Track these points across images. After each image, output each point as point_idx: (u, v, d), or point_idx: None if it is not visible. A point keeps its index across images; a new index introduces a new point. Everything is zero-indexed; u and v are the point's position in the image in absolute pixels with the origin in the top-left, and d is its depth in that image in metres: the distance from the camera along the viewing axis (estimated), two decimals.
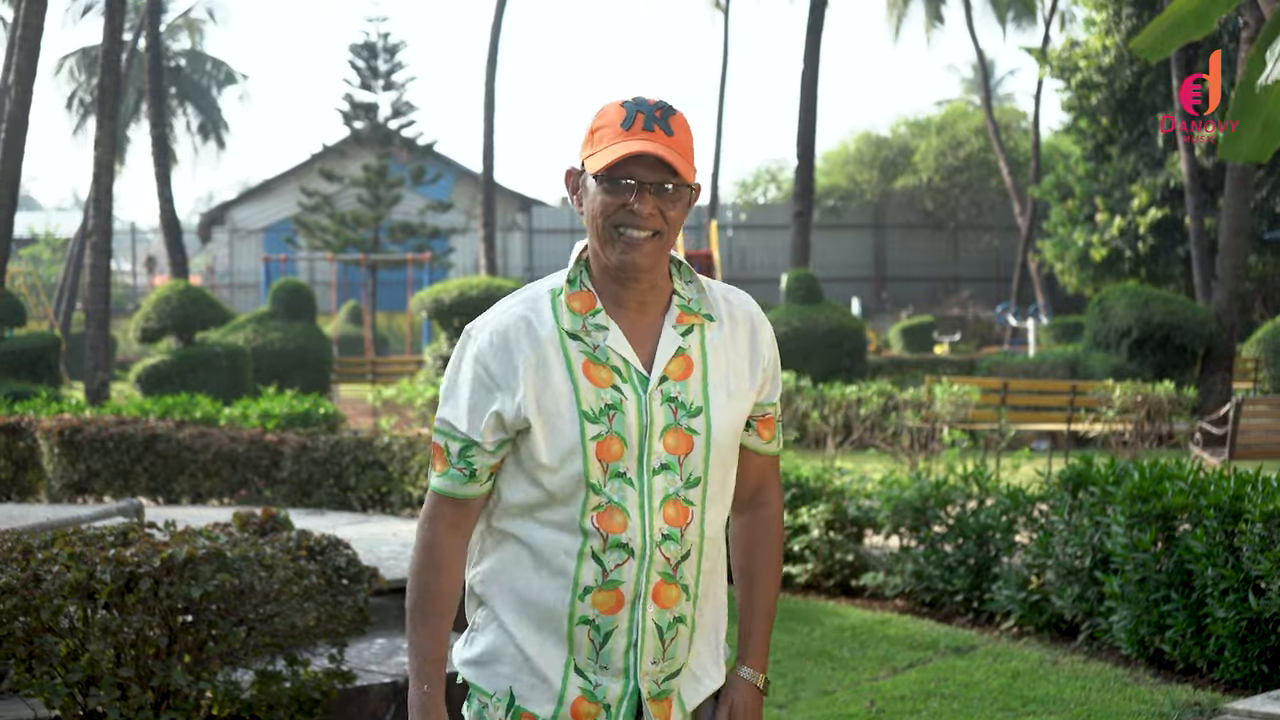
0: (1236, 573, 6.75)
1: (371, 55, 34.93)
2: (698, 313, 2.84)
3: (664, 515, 2.75)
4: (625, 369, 2.75)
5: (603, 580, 2.73)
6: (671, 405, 2.76)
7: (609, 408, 2.73)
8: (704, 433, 2.78)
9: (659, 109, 2.75)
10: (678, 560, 2.76)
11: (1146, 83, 31.70)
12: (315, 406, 13.79)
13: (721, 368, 2.83)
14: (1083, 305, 39.33)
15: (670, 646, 2.78)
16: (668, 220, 2.74)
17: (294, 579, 5.46)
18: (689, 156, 2.77)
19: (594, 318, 2.77)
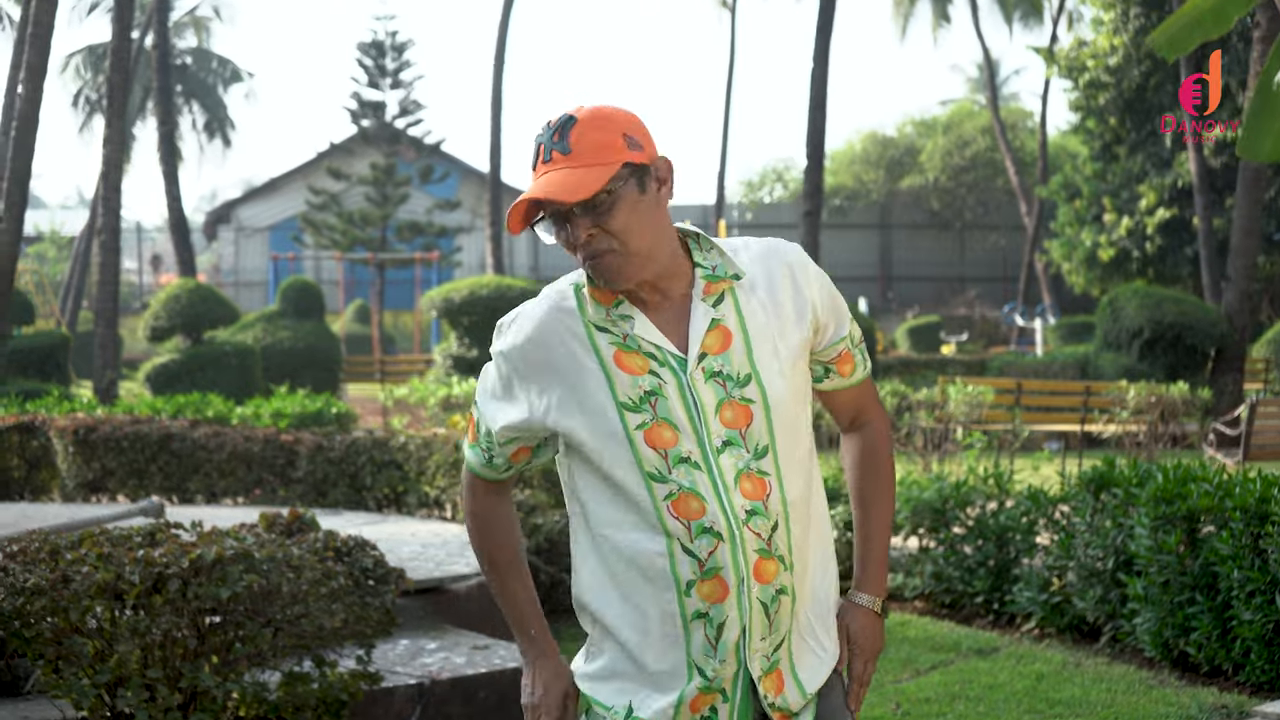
0: (1263, 575, 6.72)
1: (379, 53, 34.91)
2: (724, 276, 2.74)
3: (742, 491, 2.66)
4: (660, 353, 2.69)
5: (700, 571, 2.66)
6: (719, 380, 2.68)
7: (649, 394, 2.66)
8: (760, 399, 2.69)
9: (556, 130, 2.67)
10: (769, 533, 2.68)
11: (1154, 82, 31.66)
12: (328, 406, 13.78)
13: (764, 329, 2.74)
14: (1089, 305, 39.31)
15: (775, 620, 2.70)
16: (612, 232, 2.64)
17: (321, 580, 5.44)
18: (594, 158, 2.64)
19: (618, 309, 2.71)
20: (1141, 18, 31.37)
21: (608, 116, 2.69)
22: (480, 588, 7.54)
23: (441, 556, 8.02)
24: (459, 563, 7.83)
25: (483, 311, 24.03)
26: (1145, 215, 31.05)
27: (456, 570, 7.60)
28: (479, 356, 23.80)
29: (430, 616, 7.09)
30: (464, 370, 22.79)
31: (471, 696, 6.17)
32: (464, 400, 15.40)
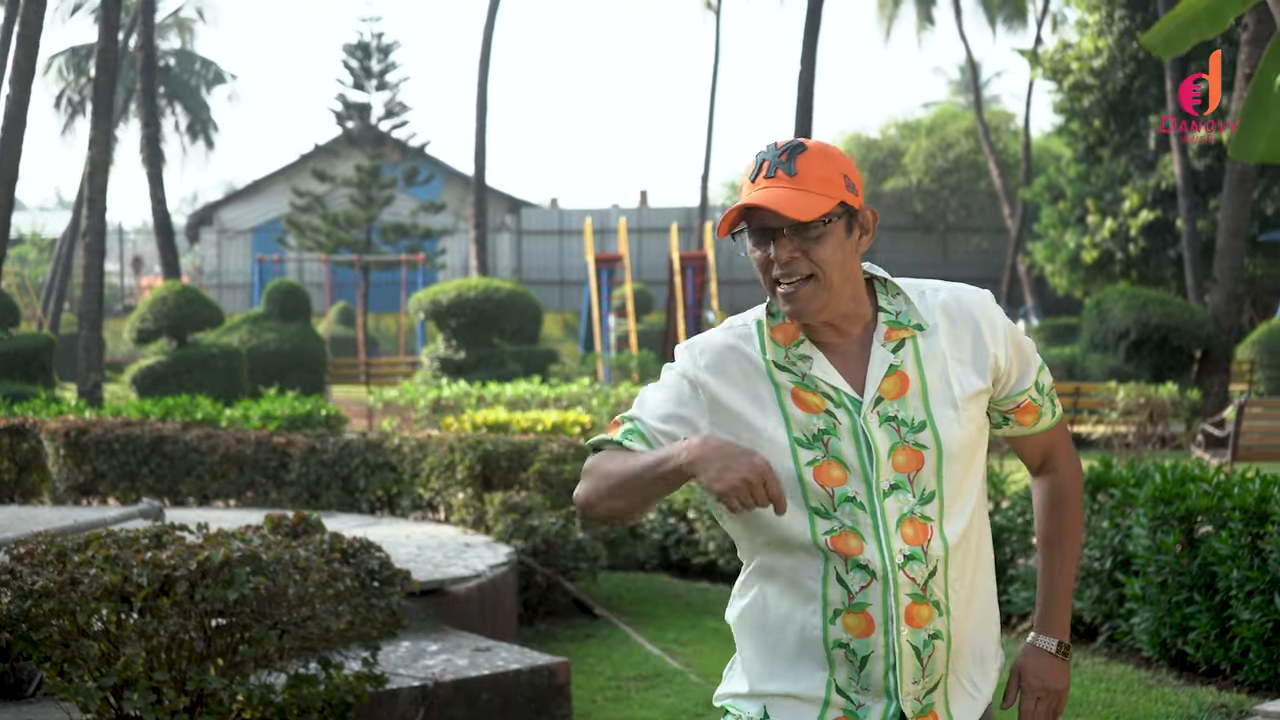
0: (1262, 575, 6.75)
1: (365, 55, 34.85)
2: (907, 325, 2.76)
3: (902, 535, 2.68)
4: (837, 394, 2.71)
5: (849, 603, 2.68)
6: (893, 424, 2.70)
7: (822, 433, 2.68)
8: (933, 446, 2.71)
9: (785, 151, 2.69)
10: (925, 579, 2.69)
11: (1139, 85, 31.77)
12: (317, 408, 13.76)
13: (942, 377, 2.76)
14: (1072, 307, 39.42)
15: (929, 664, 2.71)
16: (817, 261, 2.67)
17: (328, 582, 5.43)
18: (820, 190, 2.67)
19: (798, 348, 2.74)
20: (1126, 20, 31.47)
21: (834, 155, 2.73)
22: (480, 590, 7.55)
23: (439, 559, 8.02)
24: (457, 565, 7.83)
25: (470, 313, 24.03)
26: (1129, 217, 31.14)
27: (455, 572, 7.60)
28: (466, 358, 23.78)
29: (431, 619, 7.08)
30: (451, 372, 22.79)
31: (475, 698, 6.17)
32: (454, 402, 15.40)
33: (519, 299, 24.61)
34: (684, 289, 26.67)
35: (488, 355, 23.71)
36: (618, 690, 7.18)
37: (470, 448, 9.52)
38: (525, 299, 25.05)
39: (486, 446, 9.52)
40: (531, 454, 9.56)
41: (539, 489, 9.28)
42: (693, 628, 8.68)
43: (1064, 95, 32.94)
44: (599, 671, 7.52)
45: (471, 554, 8.21)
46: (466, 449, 9.53)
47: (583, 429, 11.04)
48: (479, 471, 9.45)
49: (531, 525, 8.72)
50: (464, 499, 9.38)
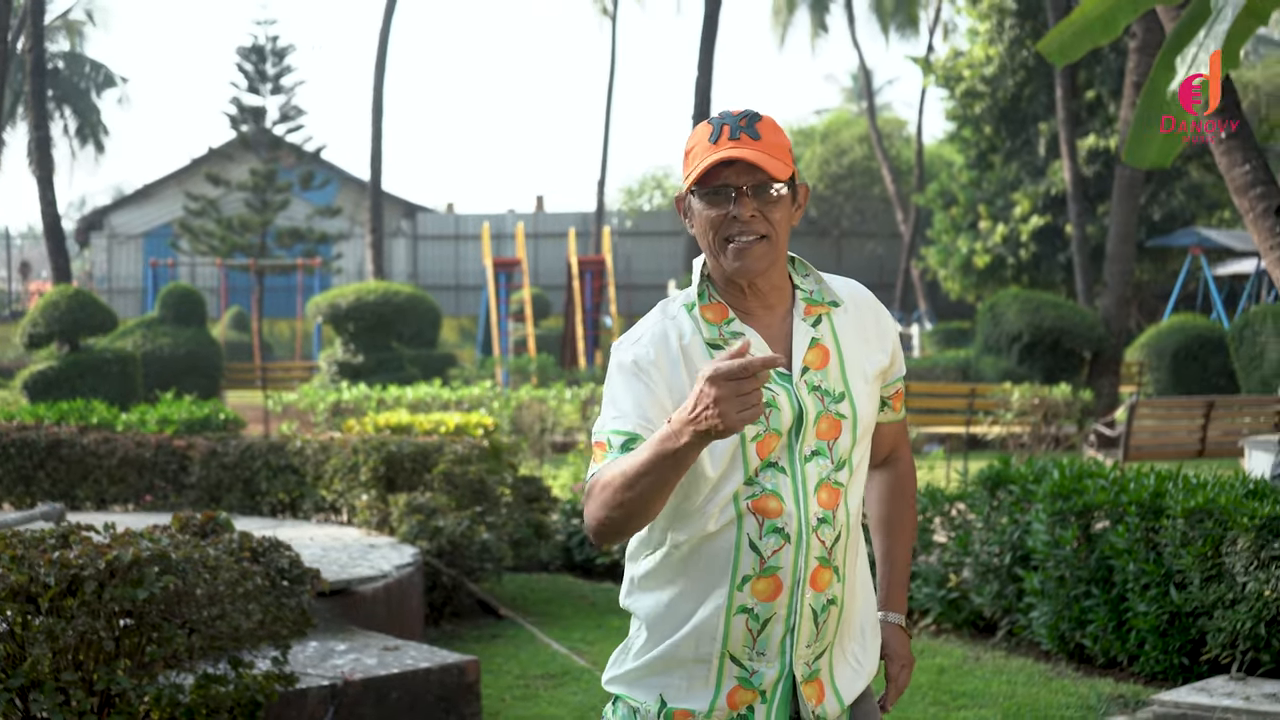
0: (1158, 568, 6.91)
1: (260, 59, 34.58)
2: (822, 301, 2.93)
3: (818, 500, 2.81)
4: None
5: (760, 568, 2.77)
6: (817, 394, 2.84)
7: (766, 405, 2.78)
8: (851, 416, 2.86)
9: (743, 117, 2.83)
10: (832, 543, 2.82)
11: (1029, 93, 32.25)
12: (215, 412, 13.63)
13: (856, 352, 2.92)
14: (964, 311, 39.90)
15: (823, 629, 2.83)
16: (771, 222, 2.81)
17: (238, 581, 5.41)
18: (780, 156, 2.82)
19: (729, 326, 2.86)
20: (1016, 29, 31.93)
21: (781, 128, 2.88)
22: (386, 590, 7.54)
23: (345, 560, 7.99)
24: (362, 565, 7.81)
25: (369, 317, 23.92)
26: (1020, 222, 31.59)
27: (361, 573, 7.58)
28: (365, 362, 23.66)
29: (338, 619, 7.07)
30: (350, 376, 22.68)
31: (384, 697, 6.17)
32: (354, 405, 15.33)
33: (418, 303, 24.53)
34: (582, 293, 26.71)
35: (386, 359, 23.61)
36: (526, 689, 7.20)
37: (374, 449, 9.50)
38: (424, 303, 24.96)
39: (390, 448, 9.50)
40: (436, 455, 9.55)
41: (444, 490, 9.27)
42: (598, 627, 8.72)
43: (956, 102, 33.36)
44: (506, 671, 7.53)
45: (377, 555, 8.19)
46: (370, 450, 9.50)
47: (486, 431, 11.03)
48: (383, 473, 9.42)
49: (436, 526, 8.71)
50: (368, 500, 9.35)
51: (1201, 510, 6.79)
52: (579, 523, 10.70)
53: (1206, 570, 6.74)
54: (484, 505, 9.37)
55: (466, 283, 45.10)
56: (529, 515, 9.83)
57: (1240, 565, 6.64)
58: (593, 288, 27.20)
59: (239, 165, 35.56)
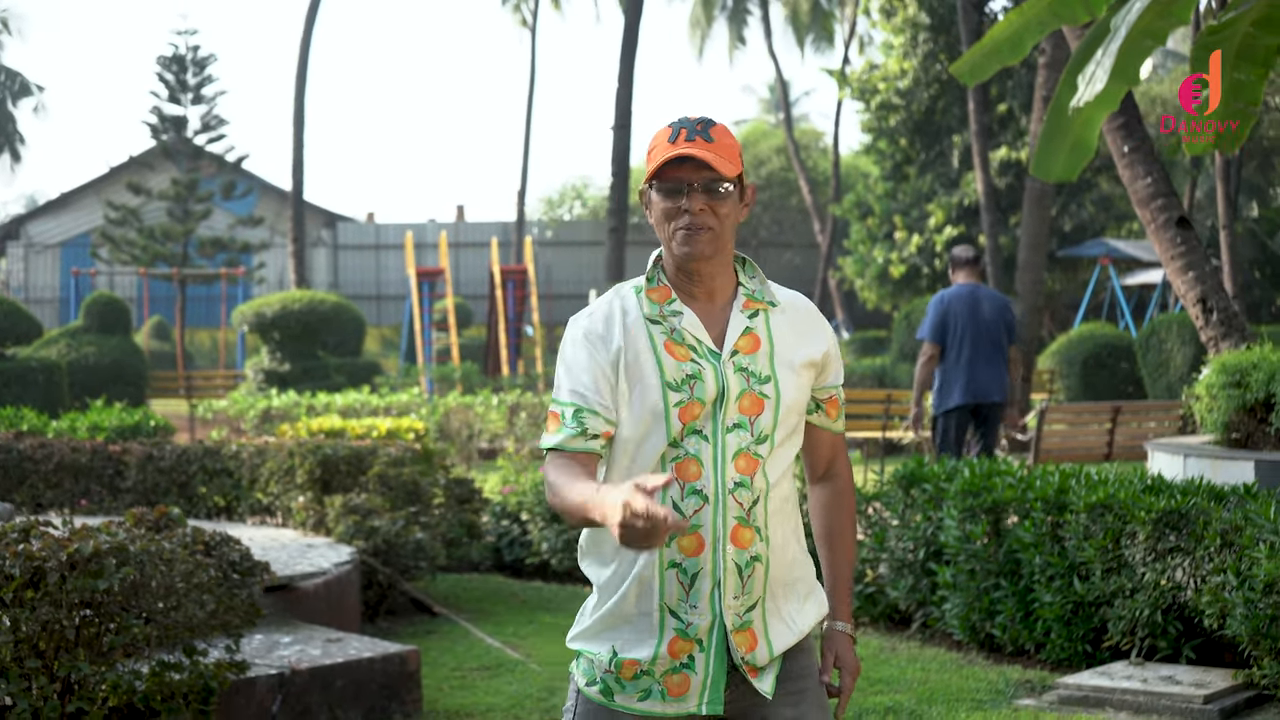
0: (1062, 560, 7.31)
1: (181, 68, 34.57)
2: (762, 300, 3.28)
3: (735, 466, 3.15)
4: (699, 346, 3.19)
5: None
6: (744, 374, 3.19)
7: (689, 378, 3.16)
8: (774, 398, 3.21)
9: (700, 123, 3.22)
10: (750, 505, 3.15)
11: (942, 106, 32.83)
12: (145, 419, 13.80)
13: (786, 346, 3.25)
14: (881, 320, 40.43)
15: (749, 583, 3.15)
16: (718, 215, 3.19)
17: (193, 572, 5.68)
18: (729, 157, 3.19)
19: (670, 305, 3.23)
20: (930, 43, 32.50)
21: (732, 135, 3.27)
22: (326, 586, 7.81)
23: (284, 558, 8.24)
24: (302, 563, 8.07)
25: (295, 326, 24.07)
26: (934, 233, 32.13)
27: (301, 570, 7.84)
28: (291, 370, 23.81)
29: (281, 613, 7.33)
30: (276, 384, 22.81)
31: (329, 685, 6.44)
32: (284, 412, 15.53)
33: (343, 312, 24.71)
34: (505, 303, 26.97)
35: (312, 367, 23.78)
36: (462, 680, 7.49)
37: (310, 452, 9.75)
38: (349, 312, 25.14)
39: (326, 451, 9.76)
40: (370, 458, 9.82)
41: (379, 491, 9.54)
42: (529, 623, 9.02)
43: (871, 115, 33.88)
44: (443, 663, 7.82)
45: (315, 554, 8.45)
46: (306, 454, 9.76)
47: (417, 435, 11.31)
48: (318, 475, 9.68)
49: (372, 526, 8.98)
50: (304, 503, 9.60)
51: (1102, 505, 7.19)
52: (509, 524, 11.00)
53: (1107, 562, 7.14)
54: (418, 506, 9.65)
55: (388, 292, 45.18)
56: (461, 516, 10.12)
57: (1139, 557, 7.04)
58: (515, 297, 27.47)
59: (160, 174, 35.54)
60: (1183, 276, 12.69)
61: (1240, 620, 6.41)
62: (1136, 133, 13.37)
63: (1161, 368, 21.11)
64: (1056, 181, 11.10)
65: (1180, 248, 12.71)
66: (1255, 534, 6.52)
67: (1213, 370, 10.82)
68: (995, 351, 11.31)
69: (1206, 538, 6.76)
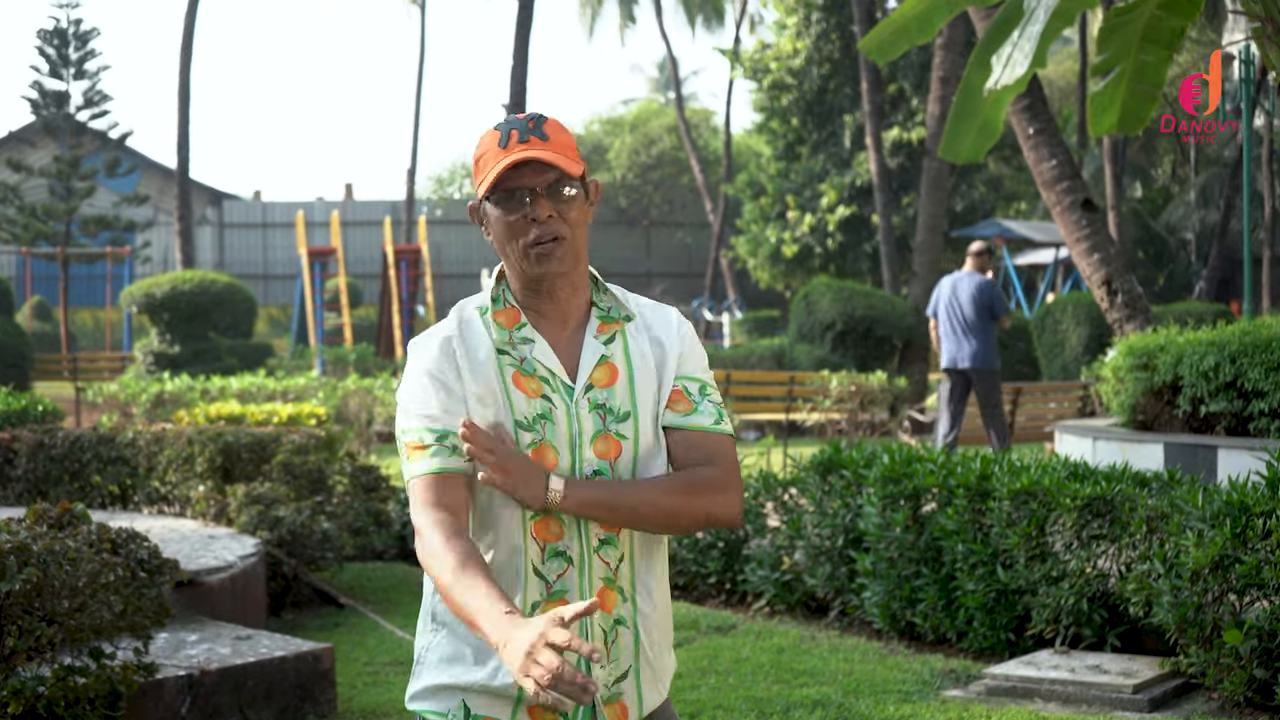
0: (985, 548, 7.23)
1: (62, 42, 33.77)
2: (617, 318, 2.90)
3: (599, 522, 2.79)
4: (552, 379, 2.81)
5: (547, 593, 2.76)
6: (600, 412, 2.81)
7: (540, 416, 2.78)
8: (633, 437, 2.83)
9: (530, 120, 2.84)
10: (616, 564, 2.81)
11: (834, 86, 32.91)
12: (33, 403, 13.41)
13: (647, 372, 2.87)
14: (773, 299, 40.56)
15: (613, 649, 2.81)
16: (568, 221, 2.81)
17: (99, 572, 5.43)
18: (570, 155, 2.83)
19: (520, 331, 2.84)
20: (823, 22, 32.55)
21: (567, 128, 2.89)
22: (232, 580, 7.56)
23: (186, 551, 7.97)
24: (206, 556, 7.81)
25: (185, 307, 23.61)
26: (827, 212, 32.23)
27: (206, 564, 7.59)
28: (182, 353, 23.35)
29: (186, 610, 7.07)
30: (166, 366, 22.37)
31: (240, 686, 6.21)
32: (176, 397, 15.17)
33: (234, 293, 24.29)
34: (398, 282, 26.66)
35: (203, 349, 23.36)
36: (375, 676, 7.28)
37: (211, 440, 9.47)
38: (240, 293, 24.72)
39: (227, 439, 9.48)
40: (273, 445, 9.55)
41: (282, 480, 9.28)
42: None
43: (763, 94, 33.90)
44: (354, 659, 7.60)
45: (219, 545, 8.19)
46: (207, 441, 9.47)
47: (319, 420, 11.04)
48: (219, 464, 9.40)
49: (277, 516, 8.73)
50: (204, 492, 9.32)
51: (1026, 492, 7.12)
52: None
53: (1031, 549, 7.07)
54: (322, 495, 9.40)
55: (275, 271, 44.59)
56: (368, 504, 9.88)
57: (1063, 544, 6.99)
58: (408, 277, 27.16)
59: (41, 151, 34.77)
60: (1088, 259, 12.72)
61: (1167, 608, 6.36)
62: (1042, 115, 13.40)
63: (1057, 348, 21.27)
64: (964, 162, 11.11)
65: (1085, 230, 12.75)
66: (1182, 521, 6.47)
67: (1119, 353, 10.84)
68: (969, 327, 13.18)
69: (1132, 525, 6.71)
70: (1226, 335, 9.60)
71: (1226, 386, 9.41)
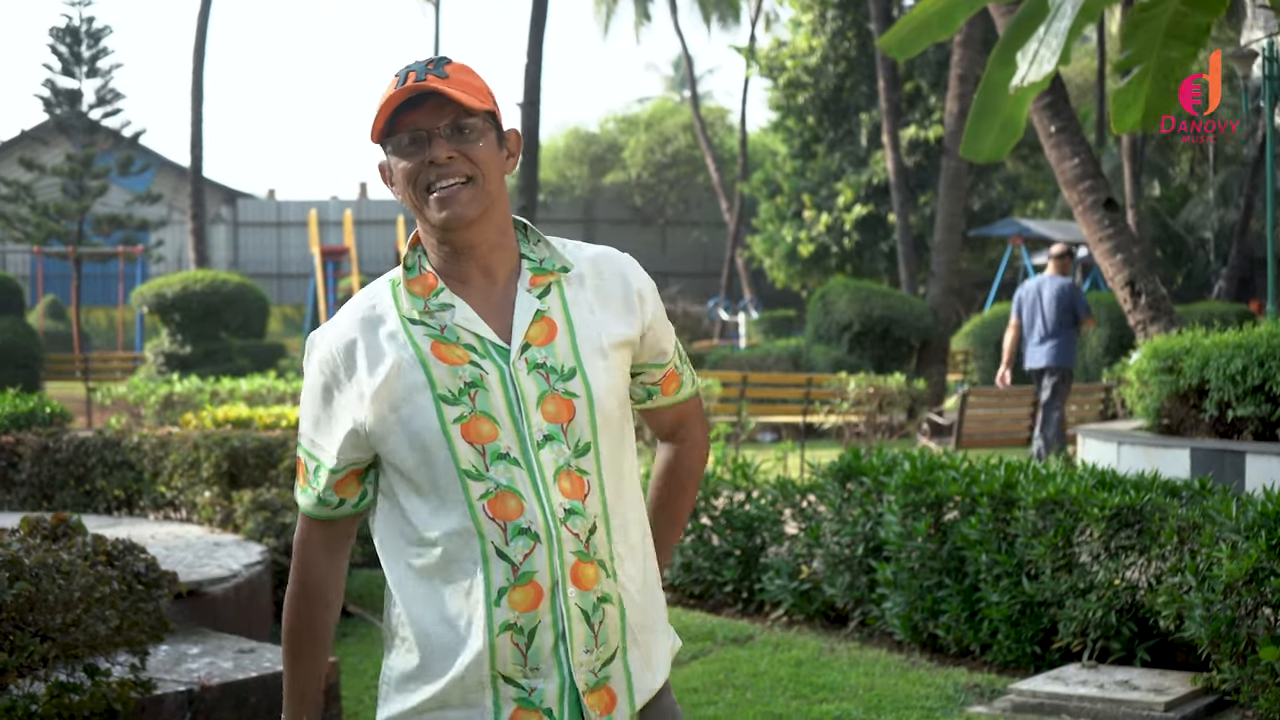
0: (1010, 558, 7.02)
1: (75, 40, 33.60)
2: (552, 270, 2.65)
3: (560, 489, 2.54)
4: (480, 345, 2.57)
5: (514, 576, 2.52)
6: (541, 372, 2.57)
7: (469, 386, 2.53)
8: (584, 395, 2.58)
9: (431, 61, 2.58)
10: (587, 535, 2.56)
11: (850, 83, 32.70)
12: (41, 405, 13.24)
13: (590, 324, 2.64)
14: (790, 299, 40.34)
15: (600, 630, 2.57)
16: (476, 161, 2.55)
17: (94, 586, 5.25)
18: (475, 93, 2.57)
19: (437, 298, 2.59)
20: (839, 20, 32.34)
21: (477, 72, 2.65)
22: (237, 590, 7.37)
23: (190, 559, 7.80)
24: (210, 565, 7.63)
25: (197, 307, 23.48)
26: (843, 211, 32.03)
27: (211, 573, 7.40)
28: (193, 353, 23.21)
29: (188, 621, 6.89)
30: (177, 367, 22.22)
31: (242, 701, 6.03)
32: (186, 399, 15.00)
33: (246, 292, 24.14)
34: None
35: (215, 350, 23.22)
36: None
37: (216, 445, 9.29)
38: (252, 293, 24.57)
39: (234, 443, 9.30)
40: (280, 450, 9.36)
41: (289, 486, 9.09)
42: None
43: (779, 92, 33.70)
44: (362, 670, 7.42)
45: (223, 553, 8.01)
46: (212, 446, 9.29)
47: None
48: (225, 469, 9.22)
49: (283, 523, 8.54)
50: (210, 497, 9.14)
51: (1053, 501, 6.92)
52: None
53: (1058, 560, 6.86)
54: None
55: (289, 270, 44.47)
56: None
57: (1090, 555, 6.78)
58: None
59: (53, 149, 34.61)
60: (1110, 259, 12.51)
61: (1199, 622, 6.15)
62: (1064, 113, 13.19)
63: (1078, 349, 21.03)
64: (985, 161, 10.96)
65: (1108, 229, 12.54)
66: (1215, 532, 6.26)
67: (1144, 355, 10.61)
68: (1051, 329, 13.48)
69: (1162, 535, 6.50)
70: (1254, 338, 9.38)
71: (1254, 390, 9.18)
